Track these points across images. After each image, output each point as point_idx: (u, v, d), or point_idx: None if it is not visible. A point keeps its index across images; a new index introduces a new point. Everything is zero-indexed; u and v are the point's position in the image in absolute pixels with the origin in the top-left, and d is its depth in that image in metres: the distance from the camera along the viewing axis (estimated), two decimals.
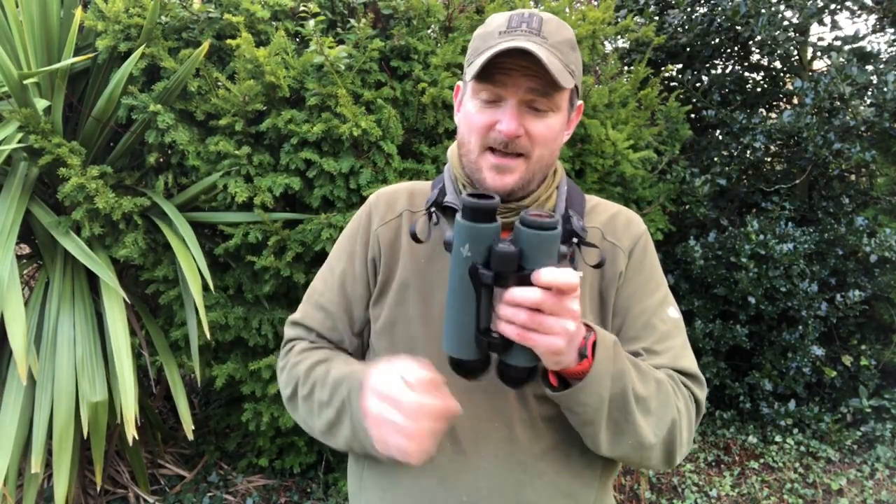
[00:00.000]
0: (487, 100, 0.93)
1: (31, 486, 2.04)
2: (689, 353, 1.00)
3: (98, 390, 2.05)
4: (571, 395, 0.83)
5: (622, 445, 0.88)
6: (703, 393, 0.98)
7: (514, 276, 0.73)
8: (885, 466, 3.08)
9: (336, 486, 2.66)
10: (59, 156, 2.01)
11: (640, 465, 0.94)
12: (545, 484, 0.94)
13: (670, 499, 2.85)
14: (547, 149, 0.95)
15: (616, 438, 0.88)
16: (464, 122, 0.98)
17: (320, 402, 0.98)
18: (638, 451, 0.89)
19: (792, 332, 3.25)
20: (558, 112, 0.94)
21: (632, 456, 0.90)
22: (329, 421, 0.97)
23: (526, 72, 0.89)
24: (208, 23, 2.27)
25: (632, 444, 0.88)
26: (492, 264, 0.73)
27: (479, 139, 0.94)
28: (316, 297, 1.10)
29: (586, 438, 0.90)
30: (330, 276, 1.10)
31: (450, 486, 0.93)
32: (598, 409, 0.84)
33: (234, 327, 2.31)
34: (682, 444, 0.93)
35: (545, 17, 0.93)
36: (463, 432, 0.94)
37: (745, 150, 3.31)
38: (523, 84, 0.90)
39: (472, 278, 0.74)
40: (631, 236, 1.03)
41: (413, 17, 2.35)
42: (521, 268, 0.73)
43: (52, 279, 2.16)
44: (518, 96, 0.91)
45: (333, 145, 2.22)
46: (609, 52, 3.26)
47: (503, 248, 0.73)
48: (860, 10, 3.42)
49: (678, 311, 1.04)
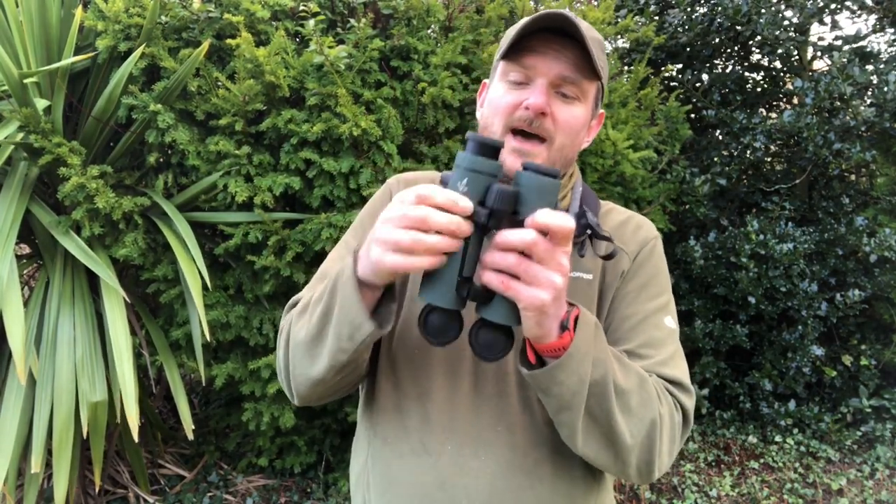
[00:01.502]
0: (516, 81, 0.92)
1: (31, 486, 2.04)
2: (680, 364, 0.96)
3: (98, 390, 2.05)
4: (550, 373, 0.78)
5: (598, 441, 0.84)
6: (692, 403, 0.93)
7: (508, 219, 0.71)
8: (885, 466, 3.08)
9: (336, 486, 2.66)
10: (59, 155, 2.01)
11: (616, 471, 0.88)
12: (546, 488, 0.93)
13: (670, 499, 2.85)
14: (569, 138, 0.93)
15: (592, 432, 0.83)
16: (488, 107, 0.96)
17: (315, 300, 0.88)
18: (613, 450, 0.84)
19: (792, 332, 3.25)
20: (585, 103, 0.94)
21: (605, 457, 0.85)
22: (321, 312, 0.85)
23: (558, 55, 0.89)
24: (208, 23, 2.27)
25: (607, 441, 0.84)
26: (488, 201, 0.70)
27: (504, 119, 0.92)
28: (325, 270, 1.03)
29: (562, 429, 0.85)
30: (345, 250, 1.04)
31: (449, 488, 0.92)
32: (576, 391, 0.79)
33: (234, 326, 2.31)
34: (663, 454, 0.88)
35: (577, 19, 0.91)
36: (465, 436, 0.94)
37: (745, 150, 3.31)
38: (555, 67, 0.89)
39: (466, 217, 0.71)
40: (638, 241, 1.02)
41: (413, 16, 2.35)
42: (516, 213, 0.71)
43: (52, 279, 2.16)
44: (549, 77, 0.90)
45: (333, 145, 2.22)
46: (609, 52, 3.26)
47: (503, 187, 0.70)
48: (860, 10, 3.42)
49: (676, 322, 1.00)
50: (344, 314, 0.81)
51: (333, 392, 0.95)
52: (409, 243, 0.68)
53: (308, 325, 0.88)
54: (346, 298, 0.80)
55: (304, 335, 0.88)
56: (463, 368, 0.95)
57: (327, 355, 0.85)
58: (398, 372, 0.99)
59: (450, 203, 0.68)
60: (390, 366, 0.99)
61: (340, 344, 0.83)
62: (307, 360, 0.89)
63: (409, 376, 0.98)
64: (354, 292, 0.79)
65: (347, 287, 0.80)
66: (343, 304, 0.81)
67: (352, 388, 1.00)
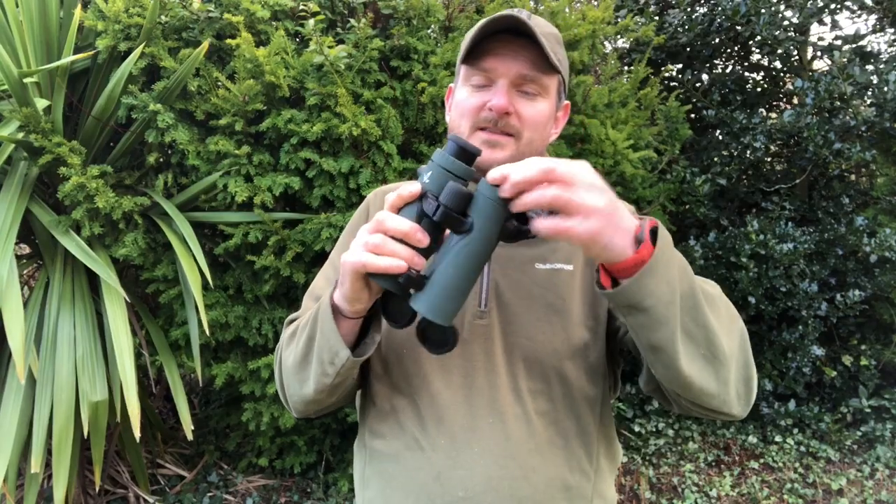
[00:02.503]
0: (478, 84, 0.96)
1: (31, 486, 2.04)
2: None
3: (98, 390, 2.05)
4: (639, 282, 0.71)
5: (700, 359, 0.78)
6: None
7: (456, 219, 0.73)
8: (885, 466, 3.08)
9: (336, 486, 2.66)
10: (59, 155, 2.01)
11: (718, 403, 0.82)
12: (540, 479, 0.94)
13: (670, 499, 2.85)
14: (536, 133, 0.98)
15: (691, 351, 0.77)
16: (455, 110, 1.01)
17: (302, 326, 0.94)
18: (713, 368, 0.79)
19: (792, 332, 3.25)
20: (547, 97, 0.98)
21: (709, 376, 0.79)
22: (306, 338, 0.91)
23: (516, 56, 0.93)
24: (208, 22, 2.27)
25: (710, 355, 0.78)
26: (441, 197, 0.73)
27: (470, 121, 0.97)
28: (317, 291, 1.08)
29: (660, 355, 0.77)
30: (332, 272, 1.08)
31: (445, 481, 0.93)
32: (671, 301, 0.73)
33: (234, 326, 2.31)
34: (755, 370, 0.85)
35: (533, 15, 0.96)
36: (457, 429, 0.95)
37: (745, 150, 3.31)
38: (514, 66, 0.94)
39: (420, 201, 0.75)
40: None
41: (413, 16, 2.35)
42: (466, 215, 0.73)
43: (52, 279, 2.16)
44: (509, 77, 0.94)
45: (333, 145, 2.22)
46: (609, 52, 3.26)
47: (459, 186, 0.73)
48: (860, 10, 3.42)
49: None
50: (325, 341, 0.88)
51: (328, 408, 1.01)
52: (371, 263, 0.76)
53: (295, 350, 0.94)
54: (325, 326, 0.87)
55: (292, 360, 0.95)
56: (453, 363, 0.97)
57: (313, 379, 0.91)
58: (390, 372, 1.01)
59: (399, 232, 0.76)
60: (382, 367, 1.01)
61: (323, 368, 0.89)
62: (297, 384, 0.95)
63: (400, 375, 0.99)
64: (330, 320, 0.86)
65: (325, 315, 0.87)
66: (323, 332, 0.88)
67: (347, 402, 1.05)
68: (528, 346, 0.96)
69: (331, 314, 0.86)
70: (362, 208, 1.13)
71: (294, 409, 1.01)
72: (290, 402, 1.00)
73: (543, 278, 0.99)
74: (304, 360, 0.93)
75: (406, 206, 0.78)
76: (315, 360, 0.90)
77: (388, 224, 0.76)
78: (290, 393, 0.98)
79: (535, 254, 1.00)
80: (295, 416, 1.03)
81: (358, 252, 0.78)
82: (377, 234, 0.77)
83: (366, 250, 0.77)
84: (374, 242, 0.76)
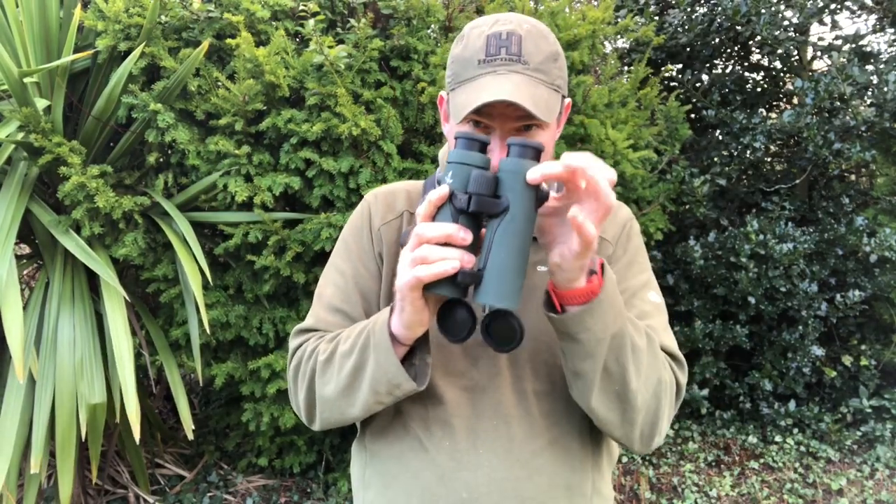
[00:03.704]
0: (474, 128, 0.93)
1: (32, 486, 2.04)
2: (670, 335, 0.99)
3: (98, 390, 2.05)
4: (580, 316, 0.79)
5: (610, 398, 0.86)
6: (684, 376, 0.96)
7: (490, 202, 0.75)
8: (885, 466, 3.08)
9: (336, 486, 2.66)
10: (59, 155, 2.01)
11: (621, 435, 0.90)
12: (544, 479, 0.94)
13: (670, 499, 2.85)
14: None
15: (606, 387, 0.85)
16: (451, 137, 0.98)
17: (342, 353, 0.92)
18: (621, 409, 0.87)
19: (792, 332, 3.25)
20: (548, 129, 0.94)
21: (614, 417, 0.88)
22: (352, 368, 0.90)
23: (509, 109, 0.88)
24: (208, 22, 2.27)
25: (618, 398, 0.86)
26: (469, 187, 0.75)
27: None
28: (328, 300, 1.05)
29: (578, 382, 0.86)
30: (340, 279, 1.06)
31: (449, 482, 0.94)
32: (601, 339, 0.81)
33: (234, 326, 2.31)
34: (663, 419, 0.91)
35: (523, 33, 0.90)
36: (461, 430, 0.95)
37: (745, 150, 3.31)
38: (510, 117, 0.89)
39: (450, 203, 0.76)
40: (616, 225, 1.05)
41: (413, 16, 2.35)
42: (497, 196, 0.75)
43: (52, 279, 2.16)
44: (504, 129, 0.91)
45: (333, 145, 2.22)
46: (609, 52, 3.26)
47: (482, 172, 0.75)
48: (860, 10, 3.42)
49: (661, 297, 1.03)
50: (382, 373, 0.87)
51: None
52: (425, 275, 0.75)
53: (337, 379, 0.92)
54: (383, 357, 0.86)
55: (333, 390, 0.94)
56: (457, 365, 0.97)
57: (361, 406, 0.92)
58: None
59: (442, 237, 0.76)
60: None
61: (378, 398, 0.90)
62: (338, 411, 0.95)
63: None
64: (390, 352, 0.85)
65: (383, 346, 0.86)
66: (379, 362, 0.87)
67: None
68: (532, 348, 0.96)
69: (390, 345, 0.85)
70: (362, 210, 1.10)
71: (320, 425, 1.01)
72: (318, 420, 0.99)
73: (546, 280, 0.99)
74: (349, 390, 0.92)
75: (439, 212, 0.78)
76: (367, 391, 0.89)
77: (428, 233, 0.76)
78: (325, 417, 0.97)
79: (538, 257, 0.99)
80: (316, 428, 1.03)
81: (408, 271, 0.77)
82: (421, 247, 0.76)
83: (415, 265, 0.76)
84: (421, 255, 0.76)
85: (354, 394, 0.91)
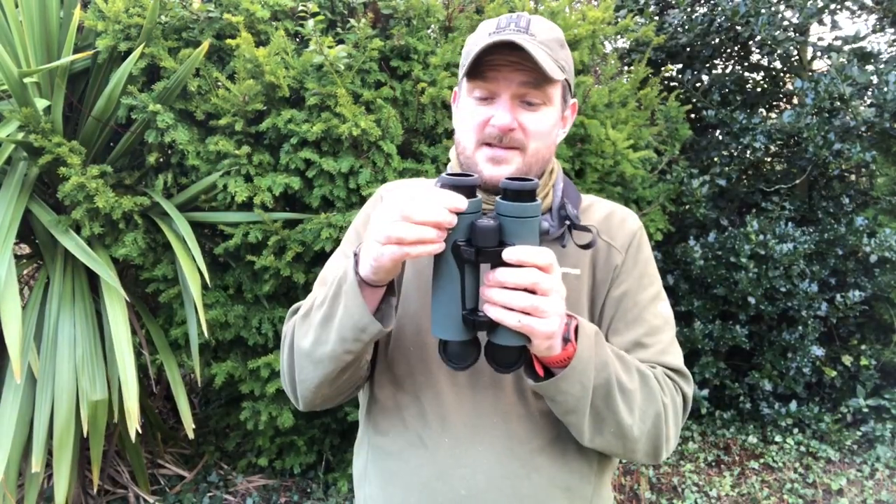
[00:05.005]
0: (481, 97, 0.95)
1: (32, 486, 2.04)
2: (676, 349, 1.01)
3: (98, 389, 2.05)
4: (554, 384, 0.84)
5: (605, 436, 0.90)
6: (690, 388, 0.99)
7: (494, 251, 0.74)
8: (885, 466, 3.08)
9: (336, 486, 2.66)
10: (59, 155, 2.02)
11: (625, 457, 0.95)
12: (542, 478, 0.95)
13: (670, 499, 2.85)
14: (542, 142, 0.97)
15: (598, 429, 0.89)
16: (459, 122, 1.00)
17: (317, 304, 0.91)
18: (621, 442, 0.90)
19: (792, 332, 3.25)
20: (551, 105, 0.97)
21: (615, 448, 0.92)
22: (323, 316, 0.89)
23: (516, 67, 0.92)
24: (208, 23, 2.27)
25: (615, 435, 0.90)
26: (473, 240, 0.74)
27: (476, 136, 0.96)
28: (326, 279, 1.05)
29: (570, 428, 0.92)
30: (345, 261, 1.05)
31: (448, 479, 0.94)
32: (581, 397, 0.85)
33: (234, 325, 2.31)
34: (669, 439, 0.94)
35: (534, 18, 0.96)
36: (461, 427, 0.95)
37: (745, 150, 3.31)
38: (515, 79, 0.93)
39: (454, 256, 0.75)
40: (626, 234, 1.05)
41: (413, 17, 2.35)
42: (503, 243, 0.75)
43: (52, 279, 2.16)
44: (510, 90, 0.93)
45: (333, 145, 2.22)
46: (609, 52, 3.26)
47: (484, 223, 0.74)
48: (860, 10, 3.42)
49: (669, 307, 1.05)
50: (348, 316, 0.85)
51: (337, 395, 0.98)
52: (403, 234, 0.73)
53: (311, 329, 0.91)
54: (350, 301, 0.84)
55: (308, 340, 0.92)
56: None
57: (332, 357, 0.89)
58: (396, 369, 1.01)
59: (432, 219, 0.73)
60: (388, 364, 1.01)
61: (346, 346, 0.87)
62: (312, 364, 0.92)
63: (406, 373, 1.00)
64: (357, 295, 0.83)
65: (350, 290, 0.84)
66: (347, 306, 0.85)
67: (354, 391, 1.03)
68: None
69: (358, 290, 0.83)
70: (374, 200, 1.12)
71: (301, 398, 0.98)
72: (299, 389, 0.97)
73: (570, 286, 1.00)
74: (322, 339, 0.90)
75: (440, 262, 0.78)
76: (336, 338, 0.87)
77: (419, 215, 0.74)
78: (302, 378, 0.95)
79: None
80: (301, 407, 1.00)
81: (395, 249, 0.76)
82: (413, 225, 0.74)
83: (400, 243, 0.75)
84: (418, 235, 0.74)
85: (327, 344, 0.89)
